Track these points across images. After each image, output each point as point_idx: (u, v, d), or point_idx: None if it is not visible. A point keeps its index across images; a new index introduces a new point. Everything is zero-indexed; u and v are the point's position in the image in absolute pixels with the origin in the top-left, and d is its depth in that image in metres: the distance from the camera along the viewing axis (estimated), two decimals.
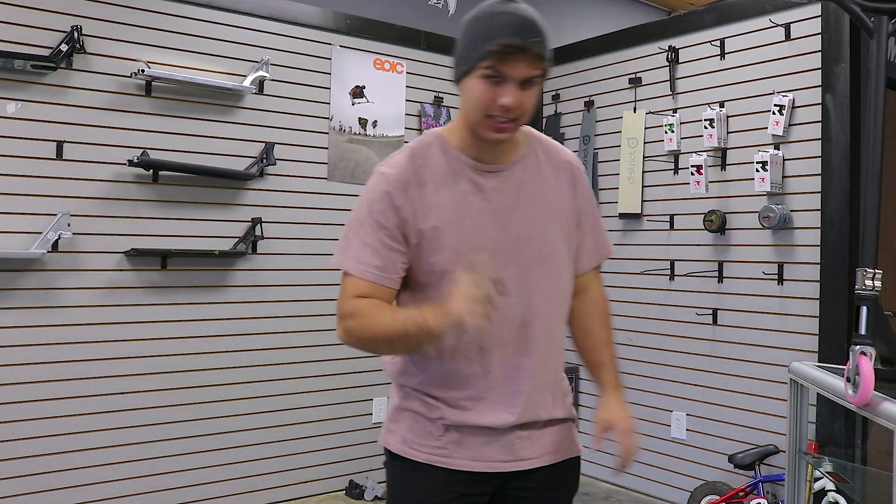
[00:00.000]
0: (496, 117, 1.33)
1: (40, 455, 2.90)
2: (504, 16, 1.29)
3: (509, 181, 1.45)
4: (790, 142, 3.17)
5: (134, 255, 3.09)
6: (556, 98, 4.27)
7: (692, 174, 3.45)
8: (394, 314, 1.35)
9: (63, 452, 2.95)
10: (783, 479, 2.72)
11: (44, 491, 2.90)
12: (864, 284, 1.48)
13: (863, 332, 1.45)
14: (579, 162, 1.58)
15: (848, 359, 1.47)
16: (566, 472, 1.54)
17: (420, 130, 3.97)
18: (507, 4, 1.32)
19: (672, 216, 3.61)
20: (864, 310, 1.47)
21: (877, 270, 1.48)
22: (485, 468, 1.44)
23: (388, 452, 1.50)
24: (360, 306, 1.37)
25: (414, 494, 1.46)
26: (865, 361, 1.40)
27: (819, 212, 3.06)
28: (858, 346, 1.43)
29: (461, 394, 1.43)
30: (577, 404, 4.07)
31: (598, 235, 1.59)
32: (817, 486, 2.85)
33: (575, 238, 1.53)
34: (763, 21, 3.26)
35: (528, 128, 1.52)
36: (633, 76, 3.83)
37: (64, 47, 2.92)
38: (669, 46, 3.63)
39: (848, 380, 1.47)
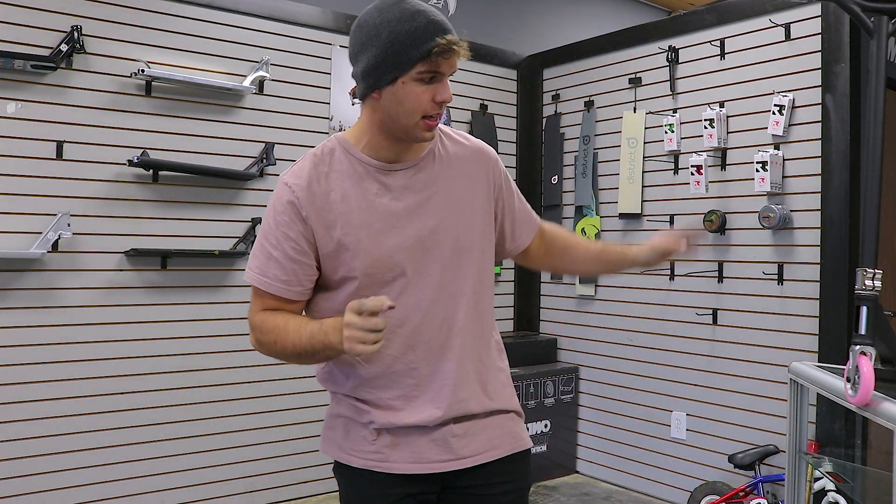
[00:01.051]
0: (432, 117, 1.35)
1: (40, 455, 2.90)
2: (421, 16, 1.30)
3: (418, 177, 1.44)
4: (790, 142, 3.17)
5: (134, 255, 3.09)
6: (556, 98, 4.27)
7: (692, 174, 3.45)
8: (299, 330, 1.35)
9: (63, 452, 2.95)
10: (783, 479, 2.72)
11: (44, 491, 2.90)
12: (864, 284, 1.48)
13: (863, 332, 1.45)
14: (489, 147, 1.59)
15: (848, 359, 1.47)
16: (514, 467, 1.52)
17: None
18: (408, 5, 1.31)
19: (672, 216, 3.61)
20: (864, 310, 1.47)
21: (877, 270, 1.48)
22: (424, 469, 1.43)
23: (335, 461, 1.51)
24: (267, 321, 1.39)
25: (359, 500, 1.47)
26: (865, 361, 1.40)
27: (819, 212, 3.06)
28: (858, 346, 1.43)
29: (389, 394, 1.42)
30: (577, 404, 4.07)
31: (525, 211, 1.64)
32: (817, 486, 2.85)
33: (496, 222, 1.55)
34: (763, 21, 3.26)
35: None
36: (633, 76, 3.83)
37: (64, 47, 2.92)
38: (669, 46, 3.63)
39: (848, 380, 1.47)
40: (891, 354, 1.51)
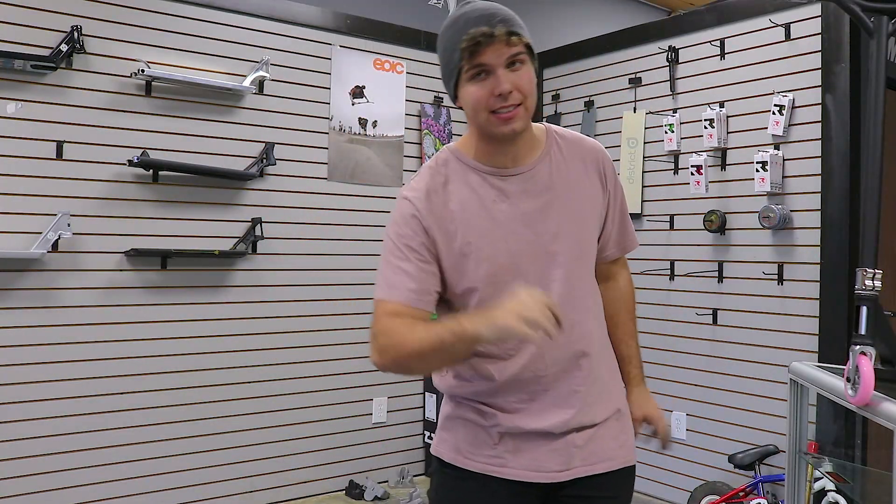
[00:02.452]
0: (499, 110, 1.32)
1: (40, 455, 2.90)
2: (464, 17, 1.31)
3: (535, 181, 1.42)
4: (790, 142, 3.16)
5: (134, 255, 3.09)
6: (556, 98, 4.27)
7: (692, 174, 3.45)
8: (428, 327, 1.31)
9: (63, 452, 2.95)
10: (783, 479, 2.71)
11: (44, 491, 2.90)
12: (864, 284, 1.48)
13: (863, 332, 1.45)
14: (604, 149, 1.55)
15: (848, 359, 1.47)
16: (622, 481, 1.50)
17: (420, 130, 3.97)
18: (464, 7, 1.34)
19: (672, 216, 3.60)
20: (864, 310, 1.47)
21: (877, 270, 1.48)
22: (540, 478, 1.41)
23: (438, 461, 1.47)
24: (393, 324, 1.32)
25: (465, 503, 1.44)
26: (865, 361, 1.40)
27: (819, 212, 3.06)
28: (858, 346, 1.43)
29: (515, 397, 1.40)
30: None
31: (626, 225, 1.58)
32: (817, 486, 2.85)
33: (603, 224, 1.52)
34: (763, 21, 3.26)
35: (545, 124, 1.50)
36: (633, 76, 3.82)
37: (64, 47, 2.92)
38: (669, 46, 3.63)
39: (848, 380, 1.47)
40: (891, 354, 1.51)
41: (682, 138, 3.58)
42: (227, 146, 3.37)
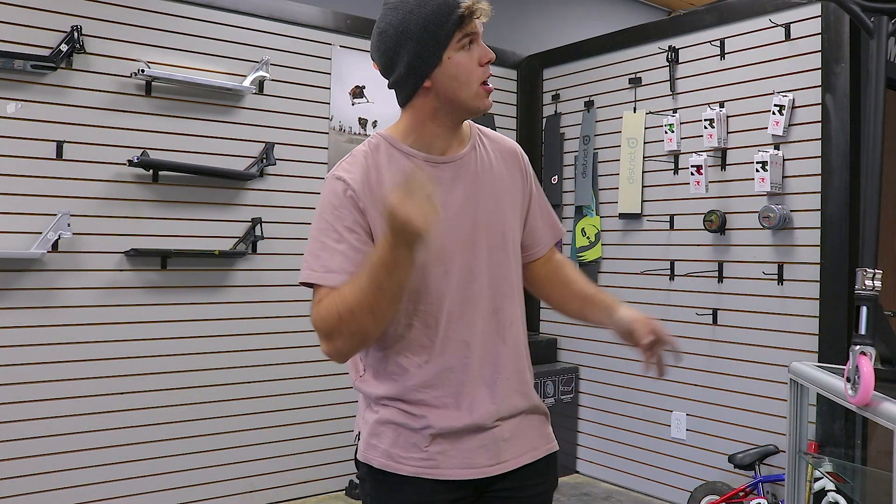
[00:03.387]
0: (485, 81, 1.36)
1: (41, 455, 2.90)
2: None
3: (464, 171, 1.43)
4: (790, 142, 3.17)
5: (134, 255, 3.09)
6: (556, 98, 4.27)
7: (692, 174, 3.45)
8: (351, 283, 1.27)
9: (63, 452, 2.95)
10: (783, 480, 2.72)
11: (44, 491, 2.90)
12: (864, 284, 1.48)
13: (863, 332, 1.45)
14: (521, 149, 1.59)
15: (848, 359, 1.47)
16: (546, 468, 1.52)
17: None
18: None
19: (672, 216, 3.61)
20: (864, 310, 1.47)
21: (877, 270, 1.48)
22: (473, 475, 1.41)
23: (368, 469, 1.44)
24: (325, 305, 1.29)
25: None
26: (865, 361, 1.40)
27: (819, 212, 3.06)
28: (858, 346, 1.43)
29: (442, 391, 1.40)
30: (577, 404, 4.07)
31: (550, 217, 1.61)
32: (817, 486, 2.85)
33: (525, 223, 1.55)
34: (763, 21, 3.26)
35: (469, 122, 1.50)
36: (633, 76, 3.83)
37: (64, 47, 2.92)
38: (669, 46, 3.63)
39: (848, 380, 1.47)
40: (891, 354, 1.51)
41: (682, 138, 3.58)
42: (227, 146, 3.37)
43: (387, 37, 1.35)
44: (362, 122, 3.78)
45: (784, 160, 3.17)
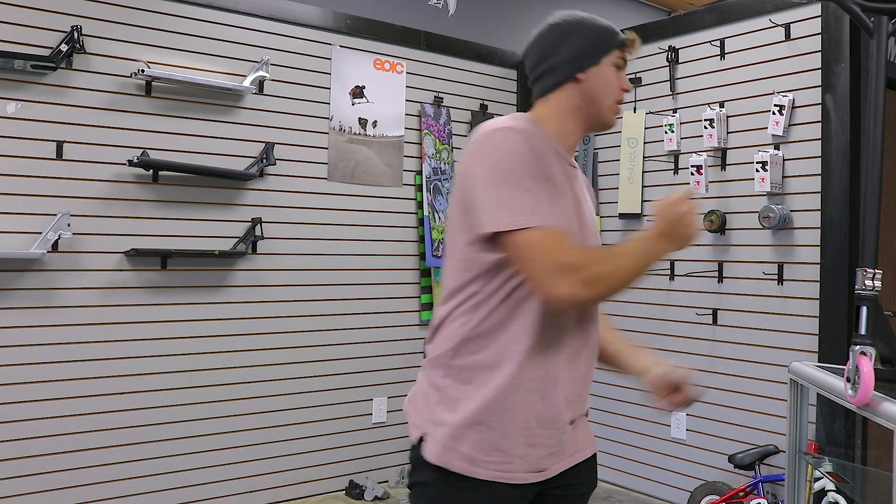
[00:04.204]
0: (619, 101, 1.46)
1: (40, 455, 2.90)
2: (605, 22, 1.47)
3: (577, 177, 1.50)
4: (790, 142, 3.17)
5: (134, 255, 3.09)
6: None
7: (692, 174, 3.45)
8: (617, 254, 1.30)
9: (63, 452, 2.95)
10: (783, 480, 2.72)
11: (44, 491, 2.90)
12: (864, 284, 1.48)
13: (863, 332, 1.45)
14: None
15: (848, 359, 1.47)
16: (591, 468, 1.55)
17: (420, 130, 3.97)
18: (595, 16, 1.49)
19: None
20: (864, 310, 1.47)
21: (877, 270, 1.48)
22: (542, 476, 1.41)
23: (438, 472, 1.36)
24: (585, 254, 1.29)
25: None
26: (865, 361, 1.40)
27: (819, 212, 3.06)
28: (858, 347, 1.43)
29: (538, 396, 1.39)
30: None
31: None
32: (817, 486, 2.85)
33: None
34: (763, 21, 3.26)
35: None
36: (633, 76, 3.83)
37: (64, 47, 2.92)
38: (669, 46, 3.63)
39: (848, 380, 1.47)
40: (891, 354, 1.51)
41: (682, 138, 3.58)
42: (227, 146, 3.37)
43: (557, 29, 1.45)
44: (362, 122, 3.78)
45: (784, 160, 3.17)
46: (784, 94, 3.17)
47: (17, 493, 2.85)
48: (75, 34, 2.94)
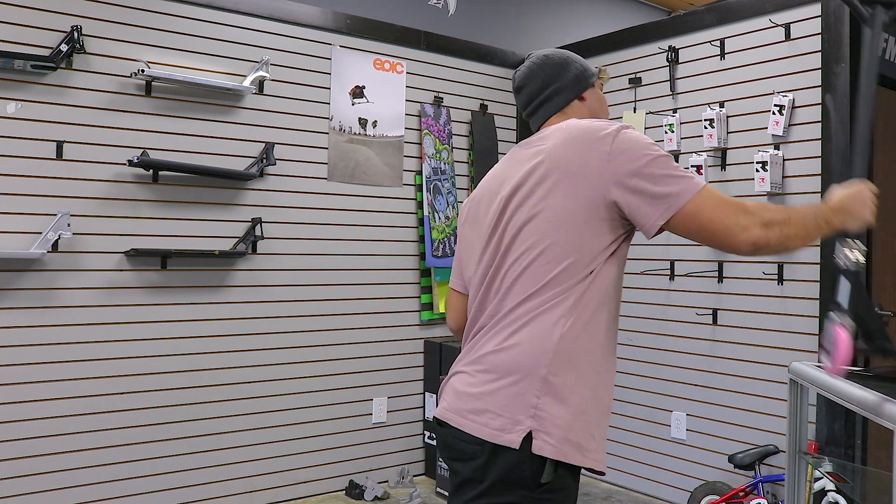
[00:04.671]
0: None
1: (40, 455, 2.90)
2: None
3: None
4: (790, 142, 3.17)
5: (134, 255, 3.09)
6: None
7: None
8: (793, 211, 1.42)
9: (63, 452, 2.95)
10: (783, 480, 2.71)
11: (44, 491, 2.90)
12: (844, 255, 1.48)
13: (839, 300, 1.44)
14: None
15: (825, 329, 1.46)
16: None
17: (420, 130, 3.97)
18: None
19: None
20: (840, 280, 1.47)
21: (857, 242, 1.47)
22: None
23: (566, 469, 1.37)
24: (756, 204, 1.40)
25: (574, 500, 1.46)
26: (841, 329, 1.39)
27: None
28: (834, 315, 1.42)
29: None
30: None
31: None
32: (817, 486, 2.85)
33: None
34: (763, 21, 3.26)
35: None
36: (633, 76, 3.83)
37: (64, 47, 2.92)
38: (669, 46, 3.63)
39: (824, 349, 1.46)
40: (871, 331, 1.49)
41: (682, 138, 3.58)
42: (227, 146, 3.37)
43: (554, 58, 1.66)
44: (362, 122, 3.78)
45: (784, 160, 3.17)
46: (784, 94, 3.17)
47: (17, 493, 2.85)
48: (75, 34, 2.94)
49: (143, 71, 3.07)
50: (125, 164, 3.08)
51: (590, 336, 1.42)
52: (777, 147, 3.20)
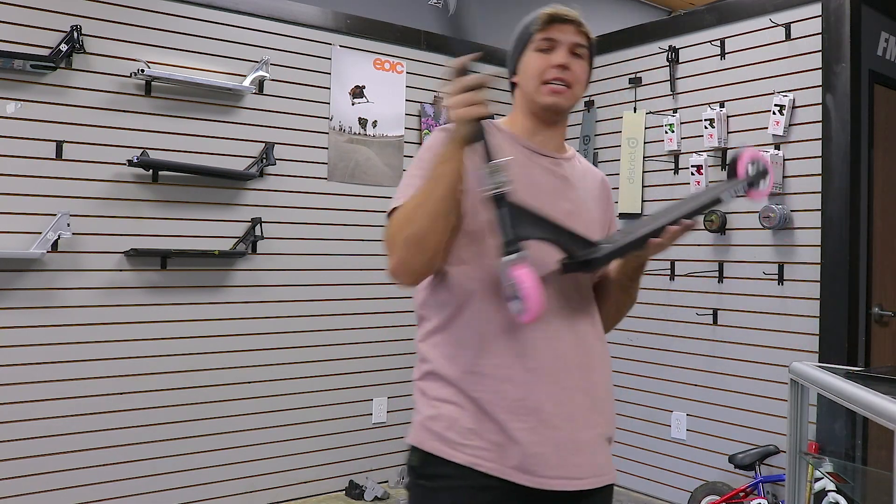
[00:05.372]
0: (552, 82, 1.40)
1: (40, 455, 2.90)
2: (548, 6, 1.44)
3: (560, 168, 1.47)
4: (790, 142, 3.16)
5: (134, 255, 3.09)
6: None
7: (692, 174, 3.45)
8: (425, 178, 1.28)
9: (63, 453, 2.95)
10: (783, 480, 2.71)
11: (44, 491, 2.90)
12: (488, 182, 1.23)
13: (508, 237, 1.22)
14: (606, 178, 1.62)
15: (502, 280, 1.24)
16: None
17: (420, 130, 3.97)
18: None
19: None
20: (502, 211, 1.23)
21: (496, 163, 1.23)
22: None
23: (435, 456, 1.44)
24: (397, 216, 1.31)
25: None
26: (521, 268, 1.19)
27: (819, 212, 3.06)
28: (507, 259, 1.21)
29: None
30: None
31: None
32: (818, 486, 2.85)
33: None
34: (763, 21, 3.26)
35: (573, 149, 1.57)
36: (633, 76, 3.82)
37: (64, 47, 2.92)
38: (669, 46, 3.63)
39: (512, 298, 1.21)
40: (561, 245, 1.33)
41: (682, 138, 3.58)
42: (227, 146, 3.37)
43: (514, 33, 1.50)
44: (362, 122, 3.78)
45: (784, 160, 3.17)
46: (784, 93, 3.17)
47: (17, 493, 2.85)
48: (75, 34, 2.94)
49: (143, 71, 3.07)
50: (125, 164, 3.08)
51: (447, 337, 1.37)
52: (777, 147, 3.20)
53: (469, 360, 1.35)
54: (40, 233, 2.87)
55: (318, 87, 3.64)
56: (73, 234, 2.93)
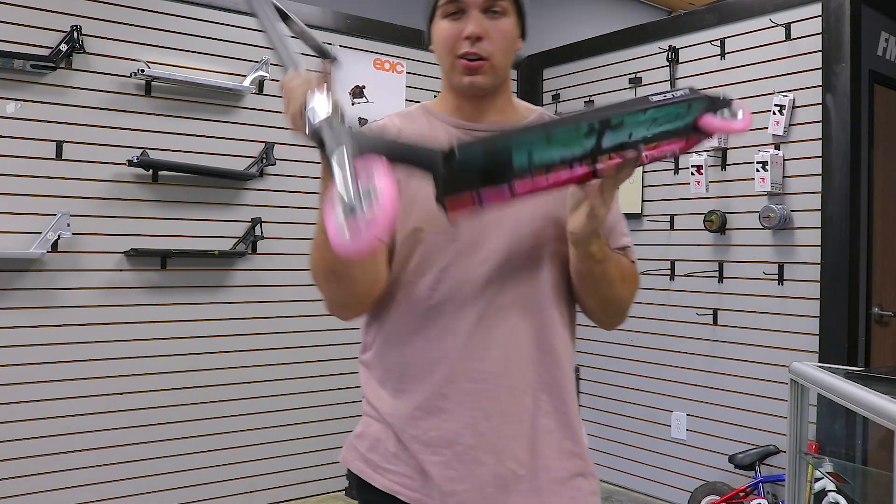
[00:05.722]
0: (466, 56, 1.18)
1: (40, 455, 2.90)
2: None
3: None
4: (790, 142, 3.16)
5: (134, 255, 3.09)
6: (556, 98, 4.27)
7: (692, 174, 3.45)
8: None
9: (63, 453, 2.95)
10: (784, 480, 2.71)
11: (44, 491, 2.90)
12: (318, 119, 1.04)
13: (330, 148, 1.00)
14: None
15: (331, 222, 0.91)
16: None
17: None
18: None
19: (672, 216, 3.60)
20: (334, 160, 0.99)
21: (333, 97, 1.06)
22: None
23: (360, 479, 1.30)
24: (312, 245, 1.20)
25: None
26: (368, 160, 0.92)
27: (819, 212, 3.06)
28: (334, 158, 0.96)
29: None
30: (577, 404, 4.06)
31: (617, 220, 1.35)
32: (818, 486, 2.85)
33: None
34: (763, 21, 3.26)
35: (540, 109, 1.37)
36: (633, 76, 3.82)
37: (64, 47, 2.92)
38: (669, 46, 3.63)
39: (349, 212, 0.87)
40: (411, 158, 1.04)
41: None
42: (227, 146, 3.36)
43: None
44: (362, 122, 3.77)
45: (784, 160, 3.17)
46: (784, 93, 3.17)
47: (17, 493, 2.85)
48: (75, 34, 2.93)
49: (142, 71, 3.07)
50: (125, 164, 3.08)
51: (376, 348, 1.31)
52: (777, 147, 3.20)
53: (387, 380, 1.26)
54: (40, 233, 2.87)
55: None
56: (73, 234, 2.93)
